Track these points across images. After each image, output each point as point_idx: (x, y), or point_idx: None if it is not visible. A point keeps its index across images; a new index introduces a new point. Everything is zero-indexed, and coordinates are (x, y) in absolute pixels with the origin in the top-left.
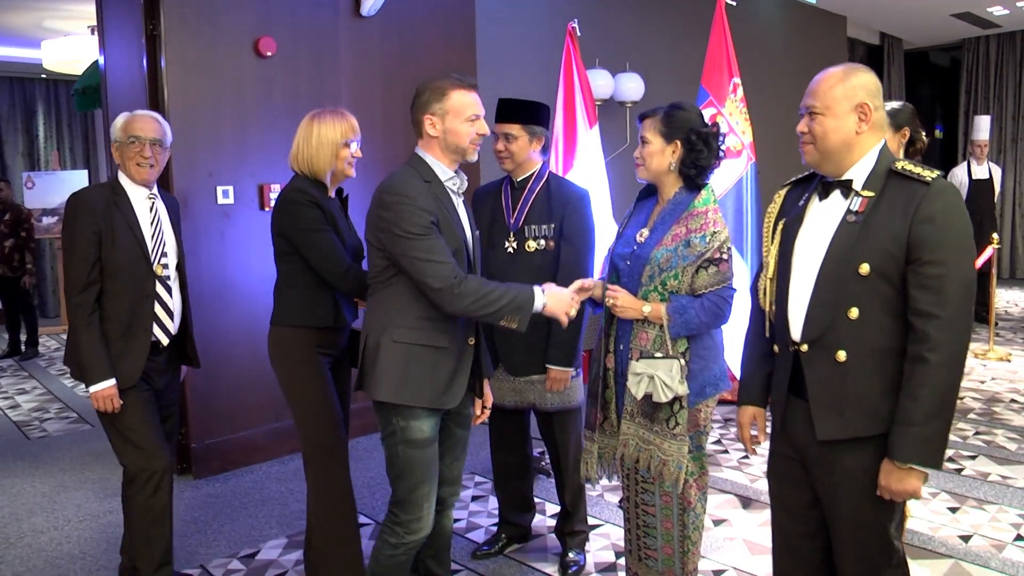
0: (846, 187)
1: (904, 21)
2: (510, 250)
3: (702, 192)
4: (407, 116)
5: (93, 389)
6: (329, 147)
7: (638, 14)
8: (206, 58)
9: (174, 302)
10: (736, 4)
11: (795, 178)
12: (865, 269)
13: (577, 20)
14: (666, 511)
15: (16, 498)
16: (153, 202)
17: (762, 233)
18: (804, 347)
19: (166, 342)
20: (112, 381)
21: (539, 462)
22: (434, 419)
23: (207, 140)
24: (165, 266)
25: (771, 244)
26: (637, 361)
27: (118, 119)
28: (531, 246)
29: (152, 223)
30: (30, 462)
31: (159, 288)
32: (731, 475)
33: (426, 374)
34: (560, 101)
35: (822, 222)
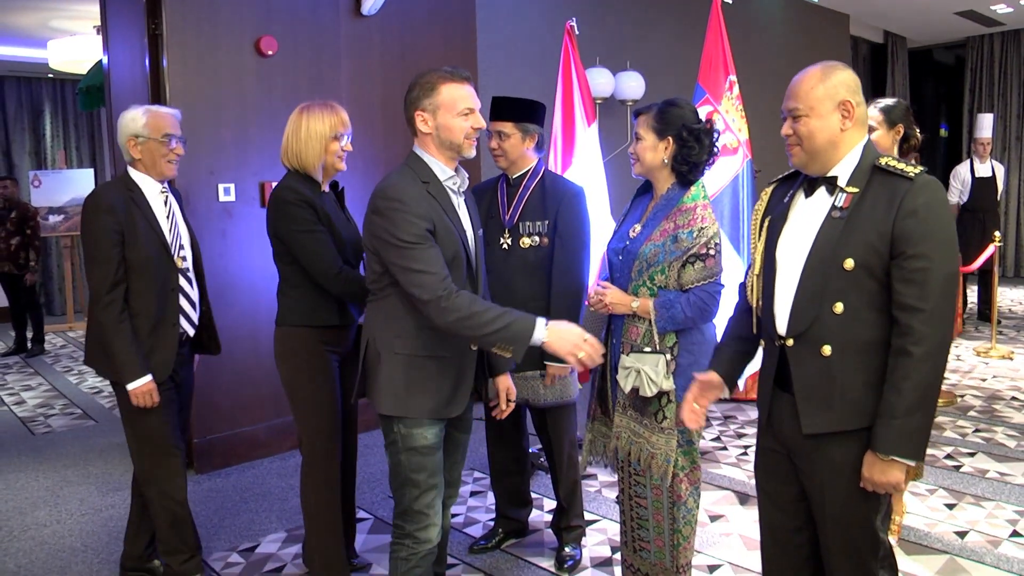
0: (831, 184)
1: (908, 19)
2: (505, 246)
3: (691, 188)
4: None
5: (132, 387)
6: (318, 141)
7: (639, 13)
8: (208, 57)
9: (195, 293)
10: (733, 2)
11: (781, 176)
12: (849, 264)
13: (576, 19)
14: (657, 504)
15: (20, 492)
16: (167, 196)
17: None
18: (790, 341)
19: (191, 333)
20: (148, 377)
21: (537, 458)
22: (438, 426)
23: (209, 138)
24: (184, 258)
25: (758, 241)
26: (627, 355)
27: (135, 114)
28: (525, 243)
29: (168, 217)
30: (34, 457)
31: (181, 281)
32: (729, 471)
33: (429, 385)
34: (559, 99)
35: (807, 218)
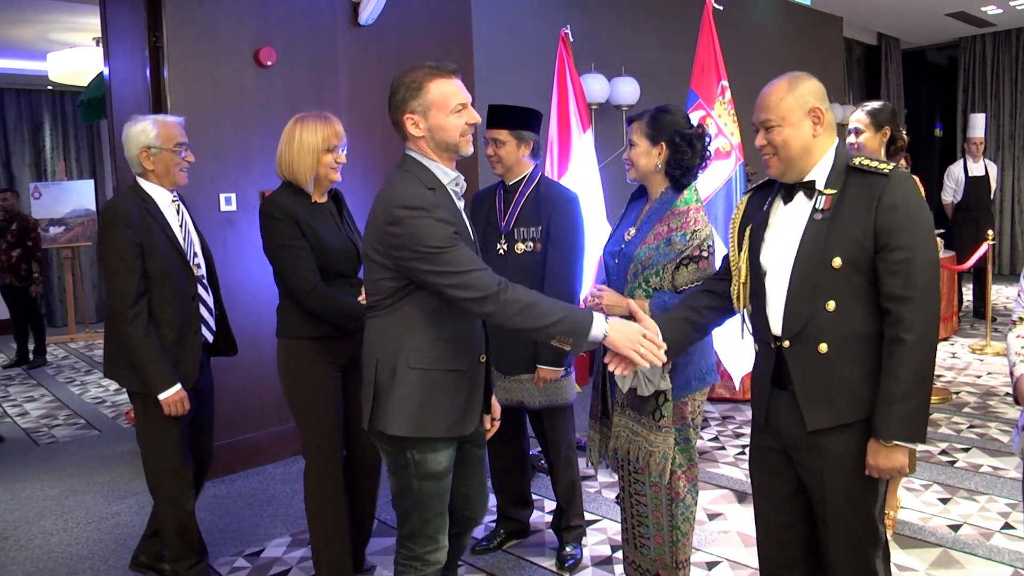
0: (809, 188)
1: (900, 21)
2: (501, 252)
3: (684, 192)
4: None
5: (164, 396)
6: (310, 153)
7: (632, 19)
8: (208, 68)
9: (211, 299)
10: (723, 8)
11: (755, 184)
12: (837, 262)
13: (571, 26)
14: (655, 501)
15: (26, 502)
16: (178, 205)
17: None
18: (786, 343)
19: (210, 339)
20: (179, 386)
21: (537, 460)
22: (451, 448)
23: (210, 148)
24: (198, 266)
25: (737, 249)
26: None
27: (145, 126)
28: (520, 248)
29: (181, 226)
30: (39, 467)
31: (199, 288)
32: (727, 471)
33: (446, 400)
34: (554, 106)
35: (789, 223)
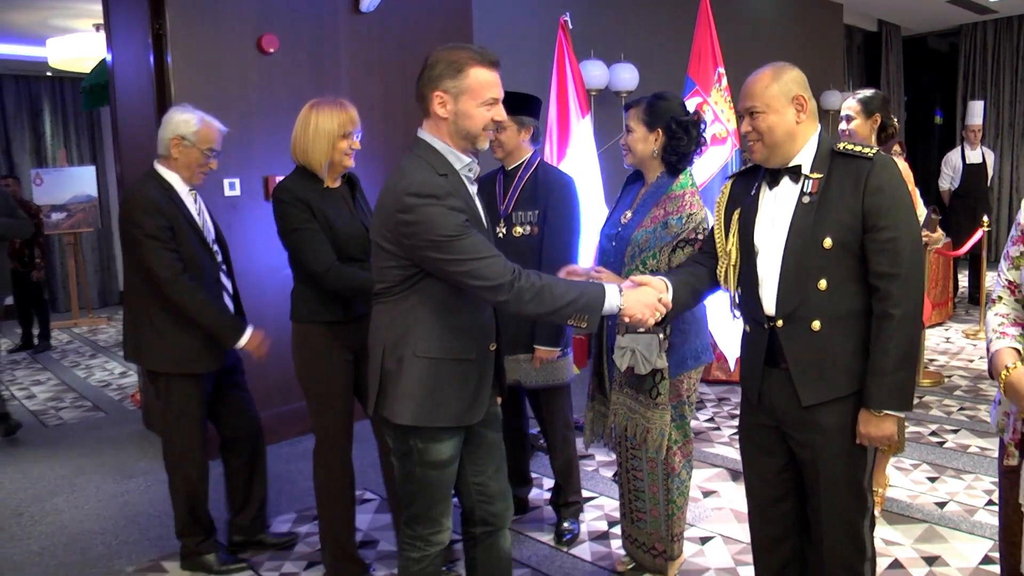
0: (795, 173)
1: (901, 7)
2: (500, 235)
3: (680, 177)
4: (407, 107)
5: (242, 343)
6: (325, 138)
7: (632, 5)
8: (211, 55)
9: (229, 284)
10: None
11: (738, 171)
12: (828, 243)
13: (570, 13)
14: (652, 476)
15: (37, 481)
16: (195, 194)
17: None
18: (780, 322)
19: None
20: (251, 329)
21: (536, 439)
22: (456, 439)
23: None
24: (217, 252)
25: (723, 233)
26: (622, 336)
27: (189, 118)
28: (518, 231)
29: (199, 213)
30: (48, 448)
31: (220, 274)
32: (722, 450)
33: (453, 389)
34: (553, 92)
35: (778, 207)
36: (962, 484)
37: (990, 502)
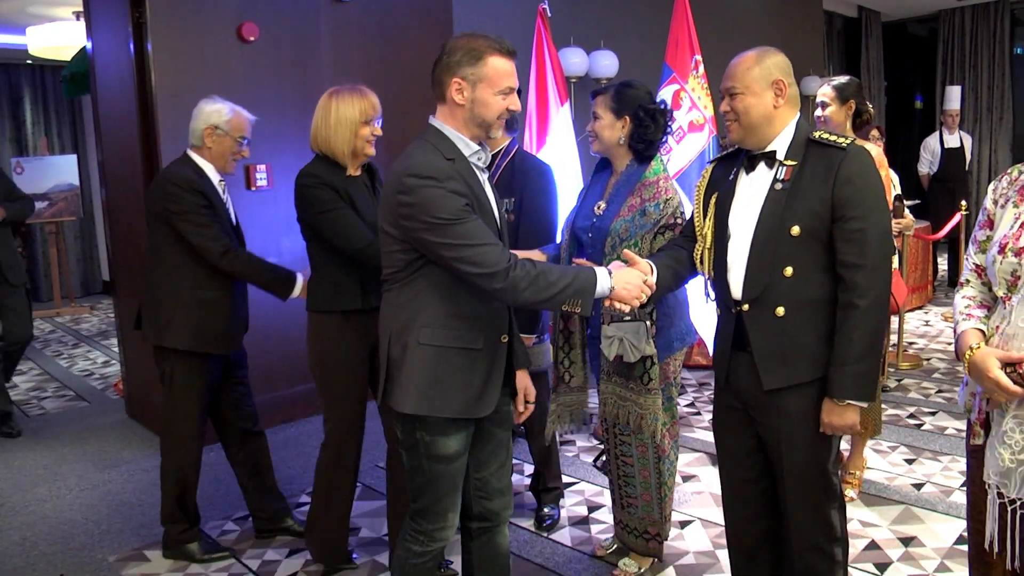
0: (770, 158)
1: None
2: None
3: (652, 163)
4: (389, 95)
5: (296, 293)
6: (347, 126)
7: None
8: (191, 44)
9: None
10: None
11: (720, 155)
12: (796, 230)
13: (548, 1)
14: (643, 461)
15: (19, 471)
16: (224, 185)
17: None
18: (746, 307)
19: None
20: (300, 278)
21: (517, 426)
22: (463, 433)
23: None
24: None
25: (703, 217)
26: (608, 325)
27: (221, 107)
28: None
29: (226, 203)
30: (30, 437)
31: None
32: (702, 435)
33: (458, 380)
34: (532, 81)
35: (752, 192)
36: (939, 466)
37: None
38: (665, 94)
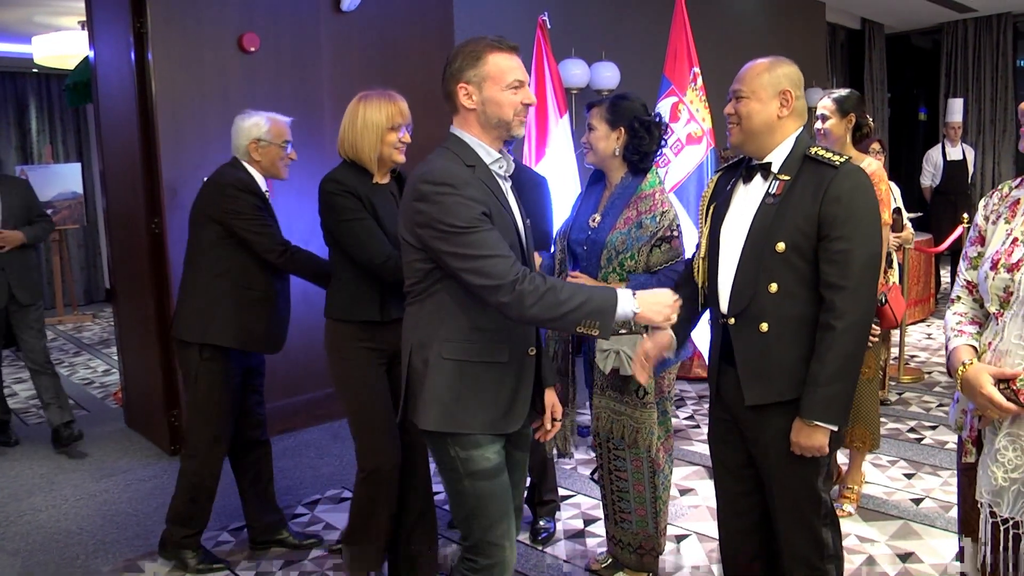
0: (767, 171)
1: (884, 5)
2: None
3: (648, 176)
4: None
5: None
6: (374, 131)
7: (613, 4)
8: (192, 54)
9: None
10: None
11: (726, 164)
12: (781, 247)
13: (552, 11)
14: (637, 475)
15: (15, 480)
16: (268, 193)
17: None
18: (731, 320)
19: None
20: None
21: None
22: (498, 444)
23: (194, 133)
24: None
25: (704, 226)
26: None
27: (258, 120)
28: None
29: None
30: (28, 446)
31: None
32: (701, 448)
33: (483, 395)
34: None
35: (746, 204)
36: (939, 480)
37: None
38: (663, 106)
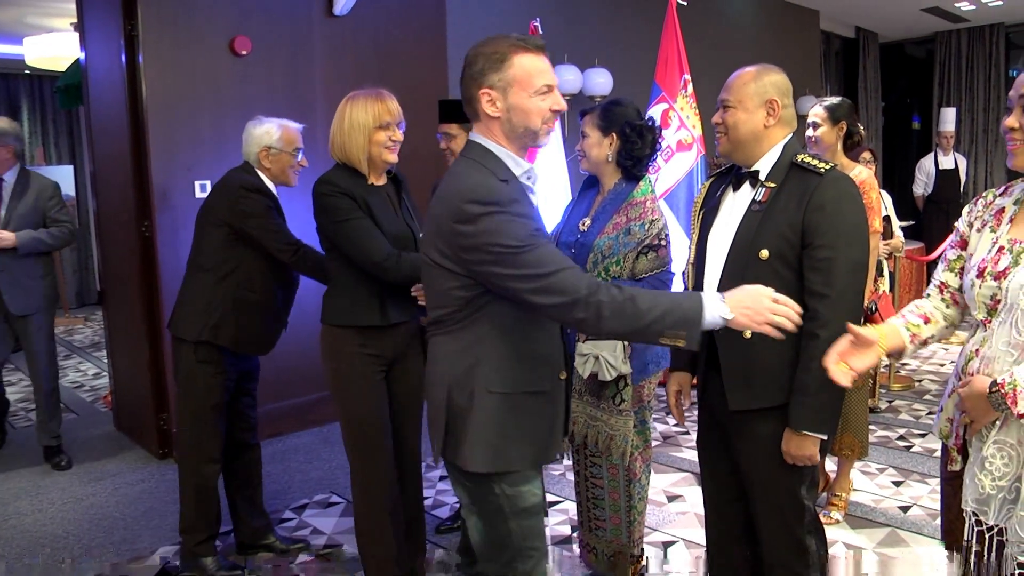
0: (754, 178)
1: (877, 15)
2: None
3: (640, 184)
4: None
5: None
6: (361, 131)
7: (606, 11)
8: (183, 57)
9: None
10: (687, 3)
11: (718, 171)
12: (764, 254)
13: (545, 17)
14: (613, 483)
15: (2, 484)
16: (276, 197)
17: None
18: None
19: None
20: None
21: None
22: (540, 476)
23: (185, 136)
24: None
25: (696, 232)
26: (583, 343)
27: (269, 128)
28: None
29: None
30: (15, 449)
31: None
32: (689, 454)
33: (527, 428)
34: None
35: (733, 211)
36: (927, 488)
37: None
38: (654, 113)
